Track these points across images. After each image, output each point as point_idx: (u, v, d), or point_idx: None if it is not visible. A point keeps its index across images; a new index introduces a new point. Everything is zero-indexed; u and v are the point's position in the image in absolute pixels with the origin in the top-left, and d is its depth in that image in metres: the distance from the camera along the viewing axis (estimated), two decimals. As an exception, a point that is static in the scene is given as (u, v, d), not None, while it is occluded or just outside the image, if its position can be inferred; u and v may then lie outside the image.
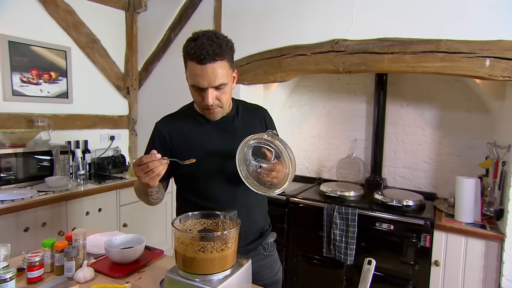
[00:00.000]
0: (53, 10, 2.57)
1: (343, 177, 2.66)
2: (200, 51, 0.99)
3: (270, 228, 1.35)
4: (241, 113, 1.24)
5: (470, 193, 1.85)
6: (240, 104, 1.27)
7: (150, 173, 0.96)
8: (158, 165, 0.96)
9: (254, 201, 1.22)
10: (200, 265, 0.90)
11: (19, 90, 2.42)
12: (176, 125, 1.20)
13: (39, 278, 1.10)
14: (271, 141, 1.01)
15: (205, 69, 1.01)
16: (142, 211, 2.67)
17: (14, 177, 2.18)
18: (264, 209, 1.33)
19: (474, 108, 2.25)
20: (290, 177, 1.02)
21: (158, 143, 1.20)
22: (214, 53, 1.00)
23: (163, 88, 3.07)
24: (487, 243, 1.73)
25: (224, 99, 1.09)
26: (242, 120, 1.22)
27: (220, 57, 1.02)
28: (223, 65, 1.04)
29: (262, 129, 1.24)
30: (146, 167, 0.96)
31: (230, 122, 1.20)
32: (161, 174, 0.98)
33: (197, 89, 1.07)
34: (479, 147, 2.22)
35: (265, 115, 1.31)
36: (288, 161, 1.01)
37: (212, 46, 1.00)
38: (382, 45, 1.92)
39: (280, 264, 1.37)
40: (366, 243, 2.02)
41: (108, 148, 3.03)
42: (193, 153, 1.10)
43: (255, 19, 2.41)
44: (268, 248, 1.30)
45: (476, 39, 1.70)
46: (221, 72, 1.03)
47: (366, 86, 2.61)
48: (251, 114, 1.28)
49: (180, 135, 1.18)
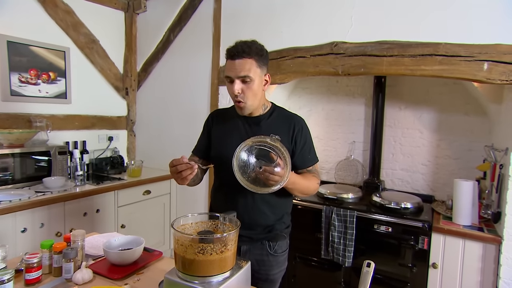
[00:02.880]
0: (52, 10, 2.56)
1: (342, 179, 2.67)
2: (233, 50, 1.21)
3: (286, 232, 1.39)
4: (273, 117, 1.35)
5: (468, 196, 1.86)
6: (277, 110, 1.38)
7: (180, 175, 1.12)
8: (185, 168, 1.11)
9: (262, 195, 1.27)
10: (200, 267, 0.90)
11: (17, 90, 2.41)
12: (221, 114, 1.45)
13: (37, 279, 1.09)
14: (274, 145, 1.10)
15: (233, 63, 1.21)
16: (140, 212, 2.67)
17: (12, 178, 2.17)
18: (277, 209, 1.34)
19: (472, 111, 2.26)
20: (286, 177, 1.10)
21: (206, 126, 1.45)
22: (243, 51, 1.20)
23: (162, 89, 3.07)
24: (485, 246, 1.74)
25: (249, 95, 1.23)
26: (271, 123, 1.33)
27: (247, 55, 1.20)
28: (249, 62, 1.21)
29: (287, 137, 1.31)
30: (176, 169, 1.12)
31: (259, 121, 1.33)
32: (189, 178, 1.14)
33: (229, 81, 1.25)
34: (477, 150, 2.23)
35: (297, 125, 1.34)
36: (289, 165, 1.09)
37: (243, 46, 1.21)
38: (381, 48, 1.93)
39: (283, 269, 1.40)
40: (365, 245, 2.02)
41: (106, 149, 3.02)
42: (221, 138, 1.36)
43: (254, 21, 2.42)
44: (274, 248, 1.34)
45: (474, 42, 1.71)
46: (247, 67, 1.20)
47: (365, 88, 2.62)
48: (283, 120, 1.35)
49: (220, 122, 1.41)
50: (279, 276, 1.39)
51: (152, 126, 3.19)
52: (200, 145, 1.45)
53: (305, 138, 1.33)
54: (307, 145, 1.34)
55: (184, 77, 2.90)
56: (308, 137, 1.36)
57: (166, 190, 2.88)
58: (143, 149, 3.26)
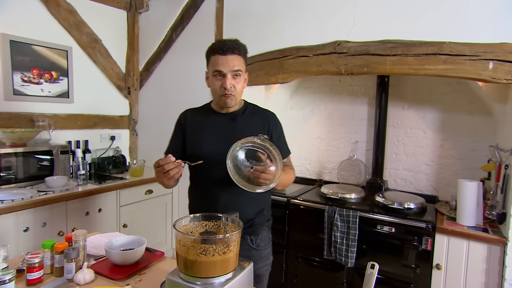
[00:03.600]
0: (55, 9, 2.56)
1: (344, 179, 2.65)
2: (223, 46, 1.27)
3: (267, 225, 1.42)
4: (247, 113, 1.40)
5: (472, 196, 1.84)
6: (250, 106, 1.44)
7: (167, 174, 1.11)
8: (173, 167, 1.10)
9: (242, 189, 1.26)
10: (202, 268, 0.89)
11: (20, 90, 2.41)
12: (193, 113, 1.46)
13: (38, 279, 1.09)
14: (263, 145, 1.12)
15: (226, 58, 1.26)
16: (142, 212, 2.66)
17: (14, 177, 2.17)
18: (259, 203, 1.39)
19: (476, 111, 2.24)
20: (277, 178, 1.12)
21: (178, 126, 1.45)
22: (234, 47, 1.27)
23: (164, 89, 3.06)
24: (489, 247, 1.72)
25: (238, 89, 1.31)
26: (246, 119, 1.38)
27: (237, 52, 1.28)
28: (239, 58, 1.29)
29: (263, 131, 1.35)
30: (163, 169, 1.10)
31: (235, 117, 1.37)
32: (176, 177, 1.13)
33: (218, 76, 1.29)
34: (481, 150, 2.21)
35: (271, 119, 1.42)
36: (279, 164, 1.12)
37: (232, 43, 1.29)
38: (384, 47, 1.91)
39: (269, 263, 1.42)
40: (367, 246, 2.01)
41: (108, 148, 3.03)
42: (197, 136, 1.36)
43: (257, 20, 2.40)
44: (257, 242, 1.36)
45: (479, 41, 1.69)
46: (238, 63, 1.28)
47: (368, 88, 2.61)
48: (256, 116, 1.41)
49: (193, 121, 1.42)
50: (266, 270, 1.40)
51: (154, 126, 3.18)
52: (174, 145, 1.44)
53: (280, 131, 1.43)
54: (282, 138, 1.43)
55: (186, 77, 2.89)
56: (282, 130, 1.45)
57: (168, 189, 2.87)
58: (145, 149, 3.26)
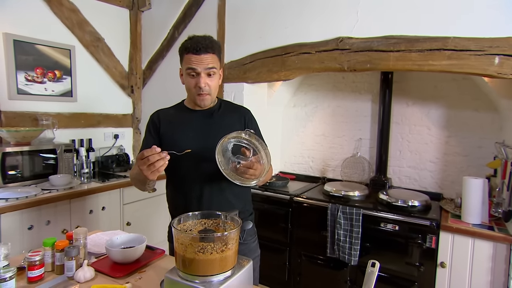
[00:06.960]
0: (58, 8, 2.57)
1: (348, 176, 2.64)
2: (196, 44, 1.24)
3: (250, 219, 1.43)
4: (222, 109, 1.40)
5: (478, 194, 1.81)
6: (224, 102, 1.45)
7: (152, 167, 1.05)
8: (158, 158, 1.05)
9: (227, 183, 1.23)
10: (200, 266, 0.88)
11: (24, 89, 2.43)
12: (165, 113, 1.44)
13: (39, 277, 1.10)
14: (249, 139, 1.11)
15: (199, 57, 1.25)
16: (146, 210, 2.67)
17: (19, 175, 2.19)
18: (240, 196, 1.39)
19: (482, 107, 2.21)
20: (265, 171, 1.12)
21: (152, 127, 1.40)
22: (207, 46, 1.25)
23: (167, 87, 3.06)
24: (495, 245, 1.69)
25: (213, 86, 1.30)
26: (222, 115, 1.38)
27: (211, 50, 1.26)
28: (213, 56, 1.27)
29: (240, 127, 1.35)
30: (147, 160, 1.05)
31: (211, 114, 1.37)
32: (161, 170, 1.08)
33: (192, 75, 1.28)
34: (487, 147, 2.17)
35: (246, 115, 1.43)
36: (264, 158, 1.11)
37: (205, 41, 1.25)
38: (387, 43, 1.89)
39: (257, 255, 1.44)
40: (371, 244, 1.99)
41: (112, 147, 3.04)
42: (175, 134, 1.34)
43: (259, 17, 2.39)
44: (244, 236, 1.37)
45: (484, 36, 1.66)
46: (211, 61, 1.27)
47: (371, 84, 2.58)
48: (232, 111, 1.43)
49: (167, 120, 1.39)
50: (256, 263, 1.40)
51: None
52: (149, 145, 1.33)
53: (256, 126, 1.43)
54: (258, 133, 1.41)
55: (189, 75, 2.88)
56: (257, 126, 1.45)
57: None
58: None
